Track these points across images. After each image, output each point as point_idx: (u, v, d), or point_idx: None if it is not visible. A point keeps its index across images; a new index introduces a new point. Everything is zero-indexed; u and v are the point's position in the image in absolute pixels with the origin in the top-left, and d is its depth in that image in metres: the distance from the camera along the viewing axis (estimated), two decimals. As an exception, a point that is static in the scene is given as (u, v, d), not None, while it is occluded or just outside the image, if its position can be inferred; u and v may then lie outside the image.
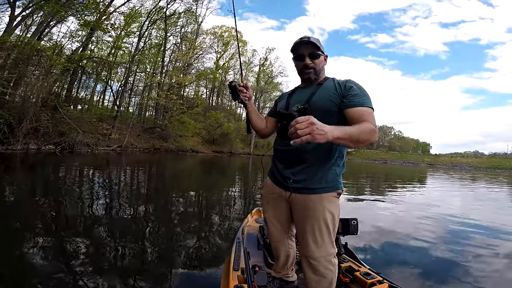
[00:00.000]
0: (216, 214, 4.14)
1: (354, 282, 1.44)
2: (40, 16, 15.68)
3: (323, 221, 1.18)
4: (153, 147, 22.30)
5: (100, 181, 6.37)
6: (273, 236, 1.43)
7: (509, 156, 57.56)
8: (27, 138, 12.95)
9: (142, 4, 19.53)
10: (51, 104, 15.32)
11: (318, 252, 1.18)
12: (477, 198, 7.90)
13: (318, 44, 1.25)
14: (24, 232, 2.73)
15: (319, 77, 1.31)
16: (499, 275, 2.31)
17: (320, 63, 1.29)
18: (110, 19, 18.19)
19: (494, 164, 47.66)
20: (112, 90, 23.10)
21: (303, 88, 1.35)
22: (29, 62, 13.50)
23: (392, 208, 5.22)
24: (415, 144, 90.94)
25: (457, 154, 67.05)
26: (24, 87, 13.84)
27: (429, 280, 2.14)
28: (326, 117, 1.11)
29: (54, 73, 15.39)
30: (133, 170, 9.65)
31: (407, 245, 2.97)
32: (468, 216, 4.73)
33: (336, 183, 1.21)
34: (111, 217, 3.51)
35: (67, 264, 2.08)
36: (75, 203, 4.11)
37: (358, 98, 1.15)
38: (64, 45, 17.91)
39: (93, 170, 8.50)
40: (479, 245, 3.09)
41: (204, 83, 35.82)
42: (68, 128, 14.82)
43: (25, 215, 3.32)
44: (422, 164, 51.02)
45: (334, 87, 1.22)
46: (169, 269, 2.16)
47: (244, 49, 40.61)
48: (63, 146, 14.16)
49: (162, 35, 25.05)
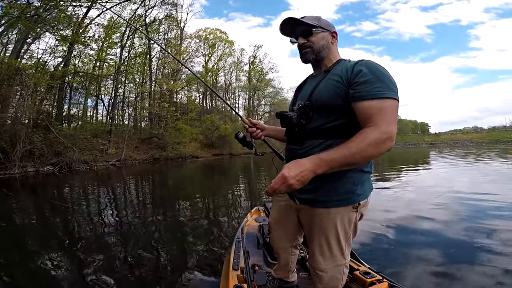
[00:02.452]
0: (216, 215, 4.14)
1: (354, 281, 1.40)
2: (15, 33, 15.47)
3: (332, 236, 1.00)
4: (152, 158, 22.19)
5: (103, 196, 6.42)
6: (274, 242, 1.36)
7: (508, 128, 57.59)
8: (24, 161, 12.82)
9: (119, 15, 19.15)
10: (42, 124, 15.18)
11: (325, 264, 1.04)
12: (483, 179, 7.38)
13: (306, 20, 1.04)
14: (37, 250, 2.82)
15: (321, 56, 1.06)
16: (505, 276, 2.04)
17: (318, 40, 1.04)
18: (88, 32, 17.97)
19: (496, 138, 47.72)
20: (104, 103, 23.00)
21: (313, 77, 1.12)
22: (11, 82, 13.32)
23: (393, 202, 4.75)
24: (414, 125, 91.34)
25: (456, 131, 67.31)
26: (11, 109, 13.69)
27: (430, 279, 2.03)
28: (328, 114, 0.96)
29: (40, 92, 15.22)
30: (135, 182, 9.61)
31: (408, 244, 2.81)
32: (475, 203, 4.27)
33: (351, 195, 0.97)
34: (116, 226, 3.64)
35: (78, 275, 2.20)
36: (81, 218, 4.19)
37: (367, 87, 0.86)
38: (47, 61, 17.74)
39: (95, 186, 8.47)
40: (484, 242, 2.73)
41: (195, 87, 35.65)
42: (63, 147, 14.69)
43: (35, 235, 3.37)
44: (423, 145, 51.09)
45: (341, 72, 0.95)
46: (169, 269, 2.22)
47: (231, 49, 40.52)
48: (61, 166, 14.03)
49: (145, 43, 24.87)
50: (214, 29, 38.13)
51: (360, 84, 0.88)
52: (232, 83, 44.15)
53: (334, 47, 1.09)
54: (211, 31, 37.65)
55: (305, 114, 0.98)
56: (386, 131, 0.81)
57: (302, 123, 0.99)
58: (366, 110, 0.86)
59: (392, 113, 0.85)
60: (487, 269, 2.12)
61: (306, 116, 0.98)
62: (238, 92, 45.63)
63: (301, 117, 0.98)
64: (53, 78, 15.93)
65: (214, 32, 37.97)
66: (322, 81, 1.01)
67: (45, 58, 17.90)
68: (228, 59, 41.16)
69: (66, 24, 14.84)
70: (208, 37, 37.31)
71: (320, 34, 1.05)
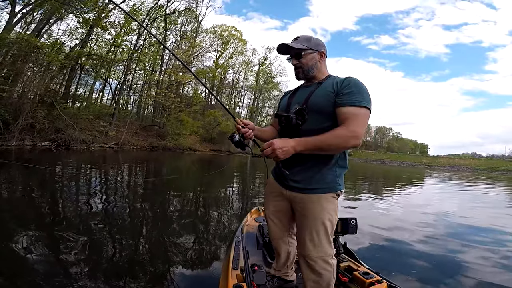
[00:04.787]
0: (215, 213, 4.11)
1: (353, 281, 1.43)
2: (40, 13, 15.56)
3: (320, 221, 1.17)
4: (150, 145, 22.18)
5: (96, 179, 6.30)
6: (273, 233, 1.43)
7: (506, 158, 57.75)
8: (23, 134, 12.82)
9: (142, 2, 19.33)
10: (48, 100, 15.18)
11: (315, 251, 1.17)
12: (474, 200, 7.91)
13: (297, 44, 1.22)
14: (18, 228, 2.66)
15: (310, 75, 1.27)
16: (497, 275, 2.28)
17: (308, 61, 1.24)
18: (109, 17, 18.03)
19: (492, 166, 47.84)
20: (111, 87, 22.97)
21: (305, 87, 1.31)
22: (27, 59, 13.36)
23: (392, 209, 5.21)
24: (413, 145, 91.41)
25: (455, 155, 67.32)
26: (21, 83, 13.71)
27: (428, 280, 2.11)
28: (321, 118, 1.16)
29: (51, 70, 15.24)
30: (130, 168, 9.56)
31: (406, 245, 2.94)
32: (466, 216, 4.73)
33: (335, 184, 1.19)
34: (108, 215, 3.44)
35: (63, 263, 2.04)
36: (70, 200, 4.05)
37: (350, 97, 1.10)
38: (64, 42, 17.78)
39: (90, 167, 8.42)
40: (478, 245, 3.06)
41: (203, 82, 35.59)
42: (64, 124, 14.69)
43: (19, 211, 3.25)
44: (420, 166, 51.16)
45: (332, 85, 1.17)
46: (168, 269, 2.15)
47: (243, 48, 40.53)
48: (59, 143, 14.03)
49: (161, 33, 24.88)
50: (229, 27, 38.15)
51: (344, 95, 1.11)
52: (240, 81, 44.18)
53: (323, 64, 1.29)
54: (226, 28, 37.65)
55: (302, 116, 1.16)
56: (352, 130, 1.05)
57: (299, 124, 1.17)
58: (344, 114, 1.09)
59: (362, 118, 1.09)
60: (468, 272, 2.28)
61: (302, 117, 1.16)
62: (244, 91, 45.67)
63: (298, 119, 1.16)
64: (68, 58, 16.03)
65: (229, 29, 37.98)
66: (316, 90, 1.21)
67: (64, 39, 18.01)
68: (239, 58, 41.15)
69: (91, 8, 14.89)
70: (223, 33, 37.34)
71: (309, 55, 1.24)
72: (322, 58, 1.27)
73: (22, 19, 15.11)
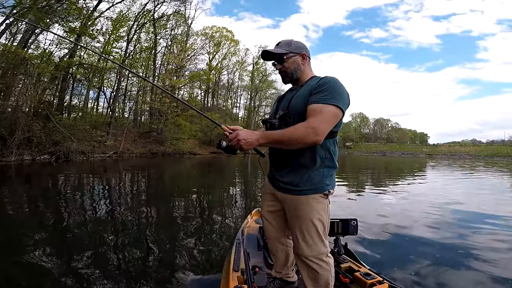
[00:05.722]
0: (215, 215, 4.11)
1: (354, 282, 1.42)
2: (24, 24, 15.41)
3: (310, 221, 1.19)
4: (150, 152, 22.11)
5: (99, 188, 6.34)
6: (268, 233, 1.44)
7: (506, 143, 57.78)
8: (21, 149, 12.74)
9: (129, 8, 19.24)
10: (43, 113, 15.10)
11: (309, 250, 1.19)
12: (478, 188, 7.83)
13: (279, 49, 1.25)
14: (26, 240, 2.75)
15: (295, 78, 1.29)
16: (502, 276, 2.13)
17: (290, 65, 1.26)
18: (96, 25, 17.93)
19: (493, 152, 47.94)
20: (105, 96, 22.90)
21: (291, 91, 1.34)
22: (16, 71, 13.26)
23: (393, 203, 5.13)
24: (413, 134, 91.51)
25: (455, 143, 67.48)
26: (14, 97, 13.61)
27: (430, 280, 2.06)
28: (301, 120, 1.14)
29: (43, 81, 15.15)
30: (131, 175, 9.54)
31: (408, 245, 2.86)
32: (471, 211, 4.50)
33: (322, 185, 1.20)
34: (112, 223, 3.54)
35: (70, 269, 2.14)
36: (75, 210, 4.13)
37: (318, 95, 1.11)
38: (53, 52, 17.68)
39: (91, 177, 8.42)
40: (481, 244, 2.89)
41: (198, 85, 35.58)
42: (62, 136, 14.61)
43: (27, 225, 3.30)
44: (421, 155, 51.29)
45: (310, 87, 1.19)
46: (169, 271, 2.19)
47: (236, 48, 40.50)
48: (58, 155, 13.95)
49: (152, 38, 24.80)
50: (220, 28, 38.12)
51: (314, 94, 1.13)
52: (235, 82, 44.15)
53: (306, 65, 1.30)
54: (217, 29, 37.62)
55: (285, 121, 1.21)
56: (312, 126, 1.05)
57: (282, 128, 1.19)
58: (308, 111, 1.11)
59: (327, 115, 1.08)
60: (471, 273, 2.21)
61: (285, 122, 1.20)
62: (240, 92, 45.65)
63: (281, 123, 1.21)
64: (58, 69, 15.91)
65: (221, 30, 37.95)
66: (297, 93, 1.24)
67: (52, 49, 17.91)
68: (232, 58, 41.19)
69: (76, 16, 14.82)
70: (214, 35, 37.30)
71: (291, 59, 1.26)
72: (304, 60, 1.29)
73: (7, 30, 14.88)
